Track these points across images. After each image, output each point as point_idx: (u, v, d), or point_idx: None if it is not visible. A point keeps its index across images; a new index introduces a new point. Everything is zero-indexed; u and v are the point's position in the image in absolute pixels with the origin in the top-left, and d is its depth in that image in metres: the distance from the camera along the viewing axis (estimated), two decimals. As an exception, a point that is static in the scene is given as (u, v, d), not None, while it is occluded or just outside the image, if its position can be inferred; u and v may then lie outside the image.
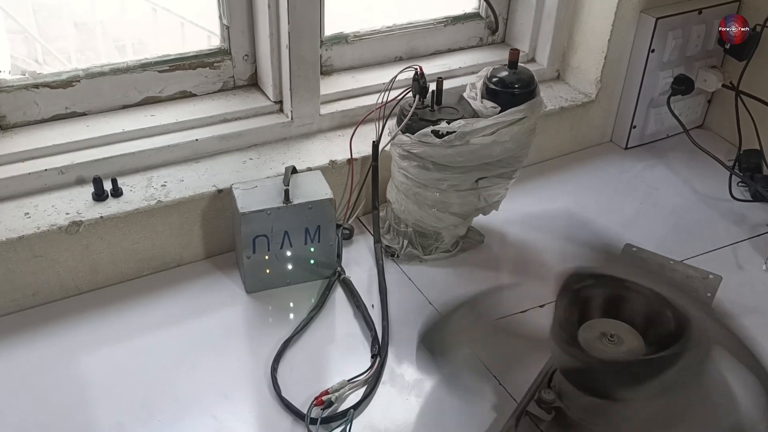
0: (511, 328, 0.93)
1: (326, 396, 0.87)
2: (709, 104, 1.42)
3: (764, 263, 1.11)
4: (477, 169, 1.02)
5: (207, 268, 1.07)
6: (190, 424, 0.85)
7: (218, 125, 1.12)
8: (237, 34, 1.13)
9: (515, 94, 1.01)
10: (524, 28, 1.35)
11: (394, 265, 1.09)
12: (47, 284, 0.98)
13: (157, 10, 1.60)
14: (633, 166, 1.34)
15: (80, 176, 1.02)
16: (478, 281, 1.07)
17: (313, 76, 1.13)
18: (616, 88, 1.34)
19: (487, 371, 0.92)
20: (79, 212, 0.98)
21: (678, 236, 1.17)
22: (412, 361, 0.94)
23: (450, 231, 1.08)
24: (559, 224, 1.18)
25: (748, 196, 1.26)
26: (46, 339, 0.95)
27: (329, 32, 1.22)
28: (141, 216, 1.00)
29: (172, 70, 1.12)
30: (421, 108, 1.01)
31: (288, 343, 0.95)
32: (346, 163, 1.12)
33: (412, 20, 1.30)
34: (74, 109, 1.08)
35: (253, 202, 0.98)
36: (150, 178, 1.05)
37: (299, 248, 1.01)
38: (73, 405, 0.87)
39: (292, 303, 1.02)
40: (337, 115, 1.18)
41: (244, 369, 0.93)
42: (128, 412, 0.86)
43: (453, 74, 1.28)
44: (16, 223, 0.95)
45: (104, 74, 1.08)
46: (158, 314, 1.00)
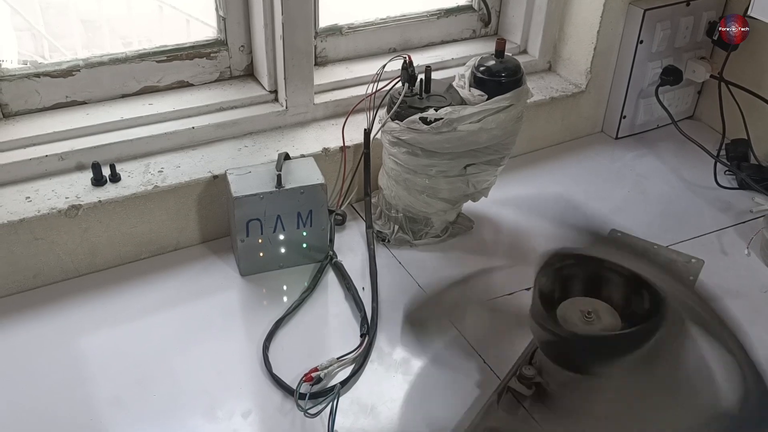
0: (497, 308, 0.96)
1: (315, 373, 0.90)
2: (699, 95, 1.45)
3: (746, 248, 1.13)
4: (465, 155, 1.04)
5: (203, 252, 1.10)
6: (184, 398, 0.88)
7: (214, 114, 1.15)
8: (233, 26, 1.16)
9: (502, 83, 1.03)
10: (516, 20, 1.37)
11: (385, 250, 1.12)
12: (47, 266, 1.02)
13: (163, 7, 1.63)
14: (623, 156, 1.37)
15: (80, 162, 1.05)
16: (467, 265, 1.09)
17: (307, 66, 1.15)
18: (606, 79, 1.36)
19: (472, 350, 0.95)
20: (79, 197, 1.01)
21: (664, 223, 1.20)
22: (400, 341, 0.96)
23: (439, 216, 1.11)
24: (548, 211, 1.21)
25: (735, 184, 1.28)
26: (46, 319, 0.98)
27: (324, 24, 1.25)
28: (138, 201, 1.03)
29: (169, 60, 1.15)
30: (410, 96, 1.04)
31: (280, 323, 0.98)
32: (339, 151, 1.15)
33: (405, 12, 1.32)
34: (74, 98, 1.11)
35: (246, 187, 1.01)
36: (147, 164, 1.08)
37: (292, 232, 1.04)
38: (73, 381, 0.90)
39: (285, 286, 1.05)
40: (331, 105, 1.21)
41: (237, 348, 0.96)
42: (125, 388, 0.89)
43: (445, 65, 1.31)
44: (17, 206, 0.98)
45: (104, 64, 1.11)
46: (155, 296, 1.03)
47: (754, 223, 1.18)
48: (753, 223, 1.19)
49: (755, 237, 1.13)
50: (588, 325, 0.81)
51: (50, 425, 0.85)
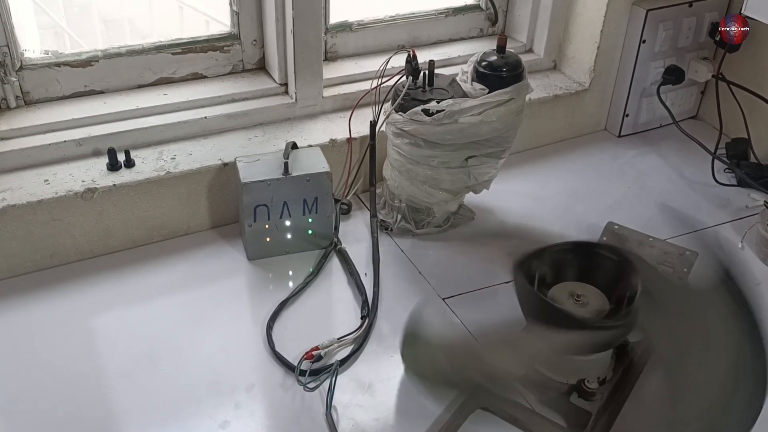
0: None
1: (316, 351, 0.93)
2: (702, 95, 1.47)
3: (740, 242, 1.15)
4: (466, 147, 1.08)
5: (212, 237, 1.15)
6: (190, 372, 0.92)
7: (226, 105, 1.19)
8: (246, 20, 1.21)
9: (503, 77, 1.07)
10: (522, 19, 1.41)
11: (388, 239, 1.15)
12: (63, 247, 1.06)
13: (183, 8, 1.68)
14: (625, 153, 1.39)
15: (96, 148, 1.10)
16: (467, 254, 1.13)
17: (317, 60, 1.20)
18: (609, 78, 1.39)
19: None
20: (94, 180, 1.05)
21: (663, 218, 1.22)
22: (399, 324, 1.00)
23: (441, 207, 1.14)
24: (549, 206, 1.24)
25: (735, 182, 1.31)
26: (61, 297, 1.03)
27: (334, 20, 1.29)
28: (151, 185, 1.08)
29: (184, 53, 1.19)
30: (414, 89, 1.08)
31: (284, 304, 1.02)
32: (345, 143, 1.19)
33: (414, 10, 1.36)
34: (93, 87, 1.16)
35: (254, 174, 1.05)
36: (161, 151, 1.12)
37: (298, 218, 1.08)
38: (84, 354, 0.95)
39: (290, 270, 1.09)
40: (339, 98, 1.25)
41: (242, 327, 1.00)
42: (134, 362, 0.94)
43: (452, 62, 1.34)
44: (36, 188, 1.03)
45: (121, 55, 1.16)
46: (165, 278, 1.07)
47: (751, 219, 1.20)
48: (749, 218, 1.21)
49: (749, 231, 1.16)
50: (579, 308, 0.84)
51: (63, 395, 0.89)
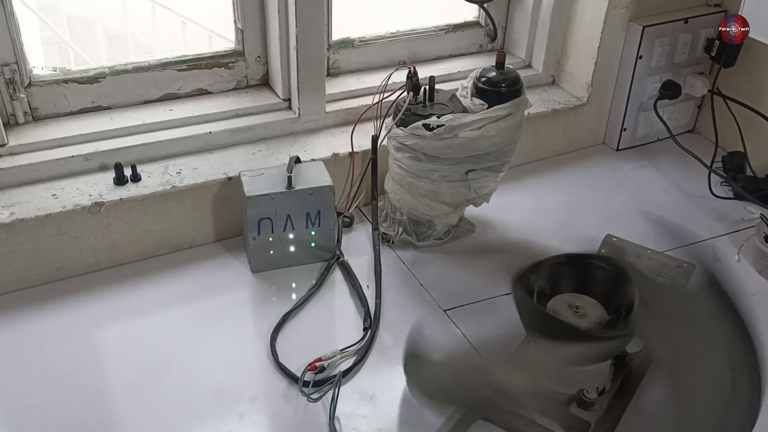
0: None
1: (319, 362, 0.95)
2: (699, 109, 1.49)
3: (737, 254, 1.17)
4: (466, 161, 1.10)
5: (217, 250, 1.17)
6: (195, 383, 0.94)
7: (231, 120, 1.21)
8: (250, 37, 1.23)
9: (502, 93, 1.09)
10: (521, 36, 1.43)
11: (390, 251, 1.17)
12: (70, 260, 1.08)
13: (186, 23, 1.71)
14: (623, 167, 1.41)
15: (103, 163, 1.12)
16: (468, 267, 1.14)
17: (319, 76, 1.22)
18: (607, 93, 1.41)
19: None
20: (101, 194, 1.07)
21: (653, 230, 1.24)
22: (401, 336, 1.01)
23: (442, 219, 1.16)
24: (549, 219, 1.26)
25: (732, 195, 1.32)
26: (68, 309, 1.05)
27: (337, 37, 1.31)
28: (157, 199, 1.09)
29: (190, 69, 1.22)
30: (415, 104, 1.10)
31: (287, 316, 1.04)
32: (347, 156, 1.21)
33: (415, 27, 1.38)
34: (99, 103, 1.18)
35: (258, 187, 1.07)
36: (166, 166, 1.14)
37: (301, 231, 1.10)
38: (91, 366, 0.96)
39: (293, 283, 1.11)
40: (342, 113, 1.27)
41: (246, 339, 1.01)
42: (140, 373, 0.95)
43: (452, 78, 1.37)
44: (44, 202, 1.05)
45: (128, 72, 1.18)
46: (171, 290, 1.09)
47: (747, 231, 1.22)
48: (746, 231, 1.23)
49: (746, 243, 1.18)
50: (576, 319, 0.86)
51: (70, 407, 0.91)
